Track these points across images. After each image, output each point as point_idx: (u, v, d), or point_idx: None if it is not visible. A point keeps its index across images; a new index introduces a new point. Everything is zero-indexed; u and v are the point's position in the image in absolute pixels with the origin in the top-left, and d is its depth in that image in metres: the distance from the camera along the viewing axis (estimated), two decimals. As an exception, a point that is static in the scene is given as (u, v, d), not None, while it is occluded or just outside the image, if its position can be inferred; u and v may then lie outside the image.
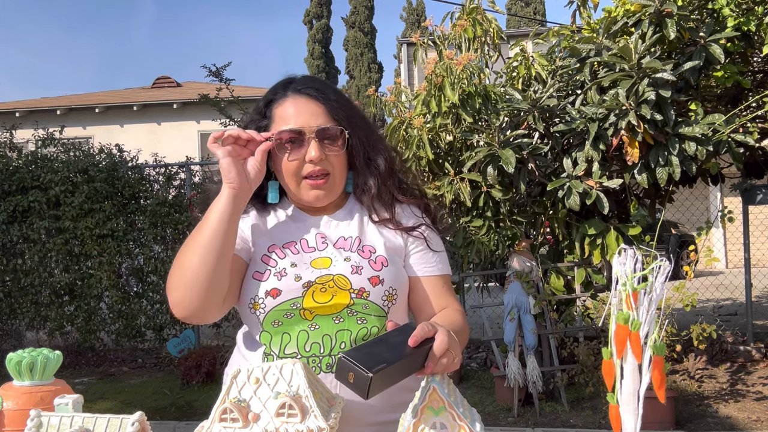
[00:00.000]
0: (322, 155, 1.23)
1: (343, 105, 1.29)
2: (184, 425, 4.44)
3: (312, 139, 1.23)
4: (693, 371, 4.83)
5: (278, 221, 1.33)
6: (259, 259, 1.25)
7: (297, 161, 1.25)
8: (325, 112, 1.25)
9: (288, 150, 1.24)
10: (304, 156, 1.24)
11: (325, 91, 1.28)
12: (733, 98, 4.37)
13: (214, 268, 1.14)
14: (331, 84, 1.35)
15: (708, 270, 11.11)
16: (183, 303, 1.15)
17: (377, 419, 1.19)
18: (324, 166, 1.25)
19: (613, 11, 4.19)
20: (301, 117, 1.24)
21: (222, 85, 7.24)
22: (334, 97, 1.28)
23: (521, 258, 4.40)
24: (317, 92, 1.27)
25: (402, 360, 0.97)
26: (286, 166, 1.26)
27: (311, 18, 30.25)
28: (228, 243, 1.16)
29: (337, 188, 1.30)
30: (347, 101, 1.31)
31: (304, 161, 1.24)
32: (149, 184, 6.77)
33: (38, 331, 6.72)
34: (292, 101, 1.27)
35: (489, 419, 4.32)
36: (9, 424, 1.06)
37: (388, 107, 4.42)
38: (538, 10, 26.20)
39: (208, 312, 1.17)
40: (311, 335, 1.19)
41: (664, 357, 0.81)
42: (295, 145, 1.24)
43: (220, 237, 1.14)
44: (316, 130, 1.23)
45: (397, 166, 1.37)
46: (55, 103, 14.45)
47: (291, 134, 1.23)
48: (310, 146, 1.23)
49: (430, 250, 1.31)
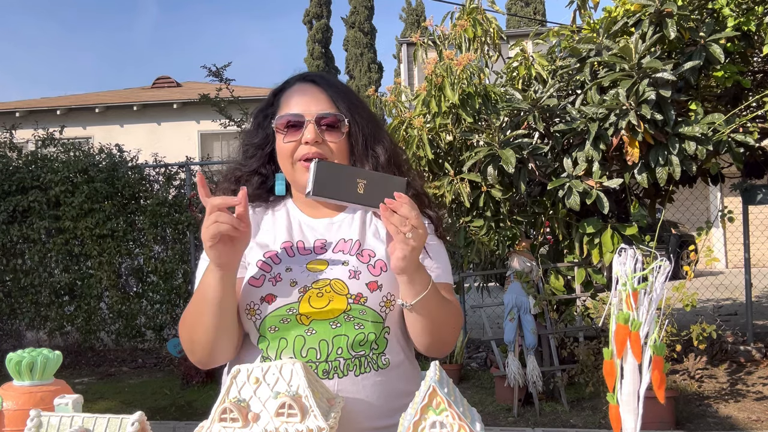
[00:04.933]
0: (317, 138, 1.24)
1: (347, 94, 1.30)
2: (184, 425, 4.44)
3: (310, 123, 1.24)
4: (693, 371, 4.82)
5: (277, 223, 1.32)
6: (254, 263, 1.24)
7: (293, 143, 1.25)
8: (327, 99, 1.27)
9: (285, 133, 1.26)
10: (300, 138, 1.25)
11: (330, 80, 1.31)
12: (733, 98, 4.37)
13: (221, 333, 1.17)
14: (340, 81, 1.37)
15: (708, 270, 11.11)
16: (203, 363, 1.22)
17: (377, 424, 1.18)
18: (321, 150, 1.25)
19: (613, 11, 4.19)
20: (303, 102, 1.27)
21: (222, 85, 7.24)
22: (340, 87, 1.31)
23: (521, 258, 4.40)
24: (322, 80, 1.30)
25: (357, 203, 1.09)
26: (282, 147, 1.27)
27: (311, 18, 30.24)
28: (227, 306, 1.15)
29: None
30: (352, 92, 1.33)
31: (300, 143, 1.25)
32: (149, 184, 6.77)
33: (38, 331, 6.72)
34: (297, 88, 1.30)
35: (489, 419, 4.32)
36: (9, 424, 1.06)
37: (388, 107, 4.42)
38: (538, 10, 26.19)
39: (230, 356, 1.23)
40: (308, 340, 1.18)
41: (664, 357, 0.81)
42: (293, 128, 1.25)
43: (218, 307, 1.14)
44: (315, 115, 1.25)
45: (401, 162, 1.36)
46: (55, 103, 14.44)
47: (290, 118, 1.25)
48: (307, 129, 1.24)
49: (429, 257, 1.30)
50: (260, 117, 1.34)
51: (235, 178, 1.35)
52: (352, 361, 1.18)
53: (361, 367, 1.19)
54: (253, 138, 1.34)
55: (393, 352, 1.24)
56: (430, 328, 1.21)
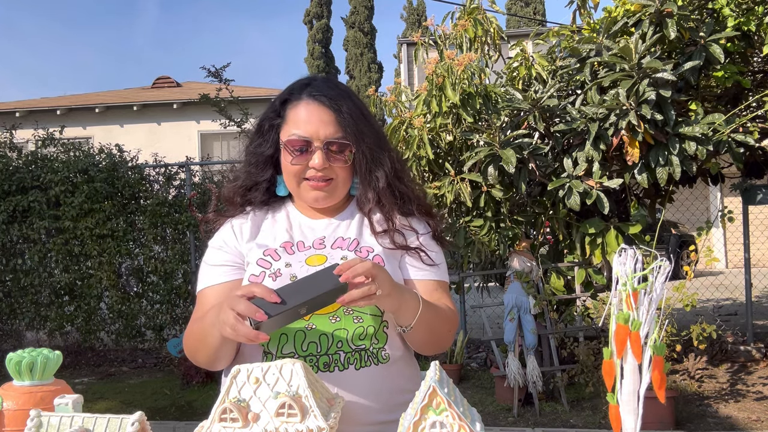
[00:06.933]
0: (325, 165, 1.25)
1: (354, 117, 1.28)
2: (184, 425, 4.44)
3: (318, 149, 1.25)
4: (693, 371, 4.82)
5: (277, 224, 1.34)
6: (254, 262, 1.26)
7: (301, 166, 1.27)
8: (335, 122, 1.26)
9: (294, 155, 1.26)
10: (308, 162, 1.26)
11: (338, 101, 1.27)
12: (733, 98, 4.37)
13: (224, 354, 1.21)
14: (348, 91, 1.33)
15: (708, 270, 11.11)
16: (208, 367, 1.26)
17: (376, 419, 1.19)
18: (327, 173, 1.27)
19: (614, 11, 4.19)
20: (311, 124, 1.25)
21: (222, 85, 7.25)
22: (347, 108, 1.27)
23: (521, 258, 4.40)
24: (330, 101, 1.27)
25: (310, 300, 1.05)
26: (290, 168, 1.28)
27: (311, 18, 30.24)
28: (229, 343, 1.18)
29: (338, 193, 1.31)
30: (359, 113, 1.29)
31: (308, 166, 1.26)
32: (149, 184, 6.76)
33: (38, 331, 6.72)
34: (305, 106, 1.27)
35: (489, 419, 4.32)
36: (9, 424, 1.06)
37: (388, 107, 4.42)
38: (538, 10, 26.18)
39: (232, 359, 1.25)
40: (308, 335, 1.19)
41: (664, 357, 0.81)
42: (301, 151, 1.26)
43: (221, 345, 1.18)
44: (324, 141, 1.25)
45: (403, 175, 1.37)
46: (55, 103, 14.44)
47: (299, 142, 1.25)
48: (315, 155, 1.25)
49: (428, 257, 1.32)
50: (266, 126, 1.33)
51: (246, 186, 1.36)
52: (352, 354, 1.20)
53: (361, 361, 1.20)
54: (259, 148, 1.34)
55: (393, 347, 1.25)
56: (427, 338, 1.26)
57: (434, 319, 1.24)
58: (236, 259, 1.29)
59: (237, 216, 1.35)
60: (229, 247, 1.30)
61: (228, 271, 1.29)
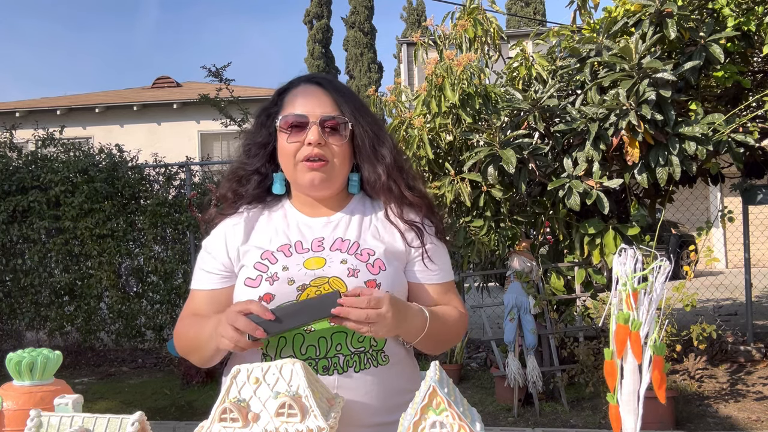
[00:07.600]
0: (320, 140, 1.25)
1: (351, 98, 1.31)
2: (184, 425, 4.44)
3: (314, 125, 1.25)
4: (693, 371, 4.82)
5: (274, 224, 1.32)
6: (251, 266, 1.25)
7: (296, 144, 1.26)
8: (331, 102, 1.28)
9: (290, 133, 1.27)
10: (304, 140, 1.25)
11: (334, 83, 1.32)
12: (733, 98, 4.37)
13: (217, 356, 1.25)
14: (348, 87, 1.39)
15: (708, 270, 11.10)
16: (200, 366, 1.32)
17: (377, 420, 1.19)
18: (323, 152, 1.26)
19: (614, 11, 4.19)
20: (308, 104, 1.27)
21: (222, 85, 7.24)
22: (345, 90, 1.32)
23: (521, 258, 4.40)
24: (327, 83, 1.31)
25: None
26: (285, 147, 1.28)
27: (311, 18, 30.24)
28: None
29: (335, 178, 1.29)
30: (356, 96, 1.34)
31: (303, 144, 1.26)
32: (149, 184, 6.76)
33: (38, 331, 6.72)
34: (302, 89, 1.31)
35: (489, 419, 4.32)
36: (9, 424, 1.06)
37: (388, 107, 4.42)
38: (538, 10, 26.18)
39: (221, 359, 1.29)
40: (307, 338, 1.19)
41: (664, 357, 0.81)
42: (297, 129, 1.26)
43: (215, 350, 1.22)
44: (319, 117, 1.25)
45: (403, 163, 1.37)
46: (55, 103, 14.43)
47: (294, 118, 1.26)
48: (310, 130, 1.25)
49: (431, 261, 1.32)
50: (263, 116, 1.35)
51: (237, 178, 1.36)
52: (351, 357, 1.19)
53: (360, 363, 1.20)
54: (256, 137, 1.35)
55: (392, 349, 1.25)
56: (433, 346, 1.29)
57: (441, 330, 1.25)
58: (222, 268, 1.29)
59: (231, 215, 1.34)
60: (217, 254, 1.30)
61: (214, 280, 1.30)
